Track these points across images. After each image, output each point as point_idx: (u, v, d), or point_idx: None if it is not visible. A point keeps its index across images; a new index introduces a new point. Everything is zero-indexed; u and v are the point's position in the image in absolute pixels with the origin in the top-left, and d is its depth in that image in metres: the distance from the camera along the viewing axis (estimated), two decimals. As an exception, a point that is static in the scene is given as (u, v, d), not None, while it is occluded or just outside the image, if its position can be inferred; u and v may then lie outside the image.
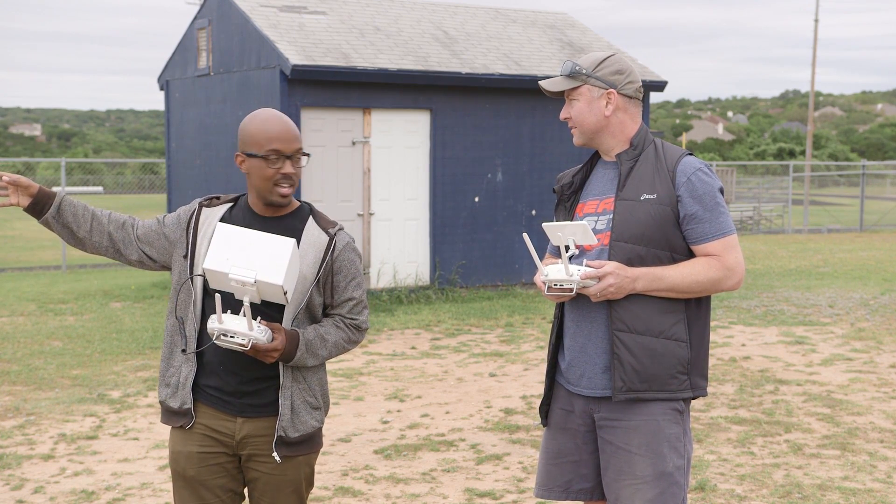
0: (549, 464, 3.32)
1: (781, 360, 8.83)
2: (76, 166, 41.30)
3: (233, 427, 3.07)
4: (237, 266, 2.85)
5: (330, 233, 3.09)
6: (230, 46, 12.90)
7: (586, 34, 15.18)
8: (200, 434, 3.09)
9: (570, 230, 3.08)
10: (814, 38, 32.38)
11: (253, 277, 2.82)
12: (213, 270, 2.87)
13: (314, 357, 3.05)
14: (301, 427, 3.08)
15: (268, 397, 3.06)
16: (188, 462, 3.09)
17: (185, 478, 3.11)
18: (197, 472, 3.09)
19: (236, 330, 2.85)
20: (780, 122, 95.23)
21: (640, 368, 3.07)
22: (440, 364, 8.79)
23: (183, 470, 3.10)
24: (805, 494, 5.33)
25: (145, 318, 10.95)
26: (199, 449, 3.08)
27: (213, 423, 3.08)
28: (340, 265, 3.09)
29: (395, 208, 12.50)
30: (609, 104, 3.16)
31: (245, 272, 2.83)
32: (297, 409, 3.07)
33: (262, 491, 3.12)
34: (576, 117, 3.20)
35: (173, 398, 3.10)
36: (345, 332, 3.13)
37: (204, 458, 3.09)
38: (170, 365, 3.13)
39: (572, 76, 3.18)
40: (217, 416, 3.08)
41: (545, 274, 3.07)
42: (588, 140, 3.23)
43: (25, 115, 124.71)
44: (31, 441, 6.36)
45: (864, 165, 27.44)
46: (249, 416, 3.06)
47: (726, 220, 3.12)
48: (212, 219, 3.09)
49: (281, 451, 3.05)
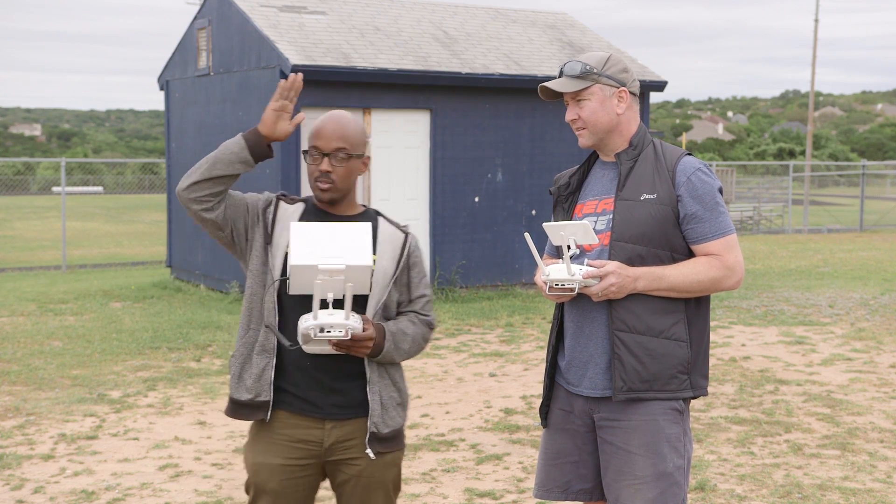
0: (548, 464, 3.32)
1: (781, 360, 8.83)
2: (76, 166, 41.31)
3: (321, 434, 3.01)
4: (324, 256, 2.83)
5: (404, 230, 3.12)
6: (230, 46, 12.90)
7: (586, 34, 15.18)
8: (285, 445, 3.01)
9: (571, 230, 3.08)
10: (814, 38, 32.39)
11: (343, 263, 2.81)
12: (301, 266, 2.81)
13: (398, 351, 3.02)
14: (391, 423, 3.05)
15: (356, 397, 3.02)
16: (271, 475, 3.00)
17: (266, 491, 3.02)
18: (279, 485, 3.01)
19: (333, 322, 2.81)
20: (780, 122, 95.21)
21: (640, 368, 3.07)
22: (440, 364, 8.78)
23: (265, 483, 3.01)
24: (805, 494, 5.33)
25: (145, 318, 10.94)
26: (283, 461, 3.01)
27: (299, 433, 3.01)
28: (415, 261, 3.11)
29: (395, 208, 12.48)
30: (621, 102, 3.16)
31: (334, 260, 2.81)
32: (385, 405, 3.04)
33: (352, 493, 3.07)
34: (588, 118, 3.15)
35: (244, 390, 3.02)
36: (420, 328, 3.11)
37: (289, 471, 3.01)
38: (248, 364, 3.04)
39: (583, 76, 3.14)
40: (302, 423, 3.01)
41: (546, 273, 3.07)
42: (598, 140, 3.20)
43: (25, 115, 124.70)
44: (31, 441, 6.36)
45: (864, 165, 27.44)
46: (338, 418, 3.01)
47: (726, 220, 3.12)
48: (288, 215, 3.06)
49: (374, 447, 3.01)
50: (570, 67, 3.16)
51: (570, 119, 3.20)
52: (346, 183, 3.03)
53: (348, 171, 3.02)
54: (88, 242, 22.19)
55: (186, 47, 14.21)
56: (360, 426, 3.03)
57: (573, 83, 3.16)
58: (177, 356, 8.99)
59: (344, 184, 3.02)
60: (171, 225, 14.90)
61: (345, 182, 3.02)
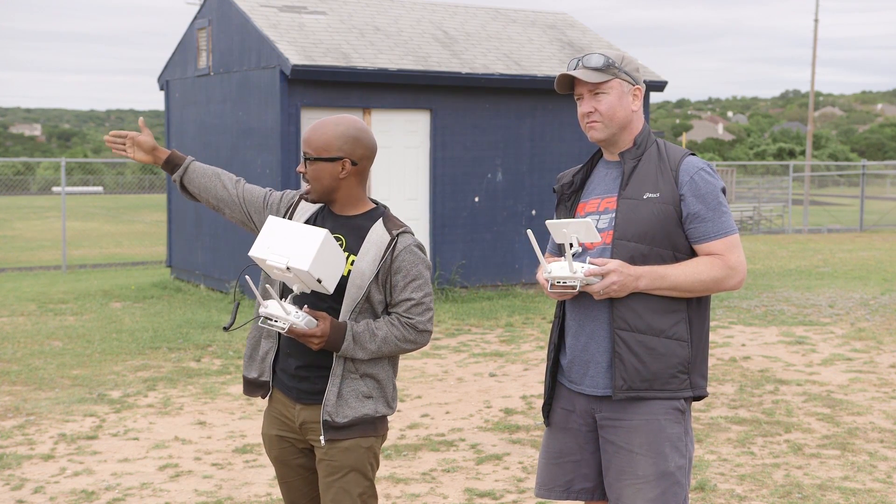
0: (550, 463, 3.32)
1: (781, 360, 8.83)
2: (76, 166, 41.32)
3: (293, 413, 3.25)
4: (274, 253, 3.00)
5: (393, 233, 3.18)
6: (230, 46, 12.90)
7: (586, 34, 15.18)
8: (276, 418, 3.31)
9: (573, 227, 3.08)
10: (814, 38, 32.38)
11: (285, 263, 2.97)
12: (254, 257, 3.05)
13: (362, 349, 3.12)
14: (349, 413, 3.15)
15: (318, 385, 3.19)
16: (270, 445, 3.34)
17: (272, 459, 3.37)
18: (279, 454, 3.34)
19: (278, 315, 3.01)
20: (780, 122, 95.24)
21: (641, 367, 3.07)
22: (440, 364, 8.78)
23: (269, 451, 3.37)
24: (805, 494, 5.33)
25: (145, 318, 10.94)
26: (276, 432, 3.32)
27: (282, 409, 3.29)
28: (399, 265, 3.15)
29: (395, 208, 12.44)
30: (636, 100, 3.18)
31: (279, 259, 2.99)
32: (344, 396, 3.16)
33: (323, 475, 3.25)
34: (606, 111, 3.14)
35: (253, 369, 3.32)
36: (399, 330, 3.15)
37: (280, 441, 3.31)
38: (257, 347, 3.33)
39: (605, 69, 3.14)
40: (284, 401, 3.28)
41: (548, 271, 3.07)
42: (611, 135, 3.18)
43: (25, 115, 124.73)
44: (31, 441, 6.36)
45: (864, 165, 27.44)
46: (304, 402, 3.21)
47: (728, 220, 3.13)
48: (304, 212, 3.28)
49: (328, 434, 3.16)
50: (592, 60, 3.14)
51: (585, 111, 3.17)
52: (320, 184, 3.16)
53: (316, 174, 3.15)
54: (88, 242, 22.19)
55: (186, 47, 14.21)
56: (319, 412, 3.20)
57: (596, 74, 3.14)
58: (177, 356, 8.99)
59: (317, 185, 3.16)
60: (171, 225, 14.90)
61: (318, 183, 3.16)
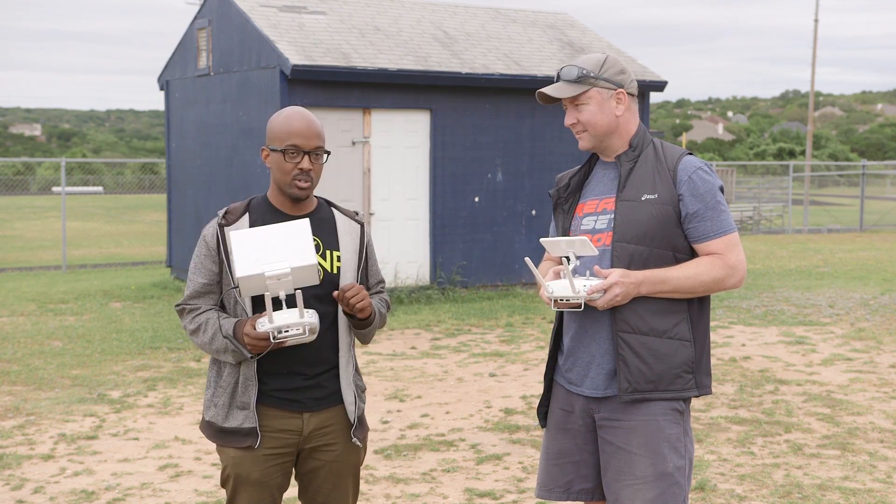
0: (549, 464, 3.32)
1: (781, 360, 8.83)
2: (76, 166, 41.32)
3: (300, 423, 3.13)
4: (268, 263, 2.85)
5: (358, 220, 3.25)
6: (230, 46, 12.90)
7: (586, 34, 15.18)
8: (265, 435, 3.10)
9: (569, 244, 3.07)
10: (814, 38, 32.37)
11: (288, 267, 2.84)
12: (247, 276, 2.84)
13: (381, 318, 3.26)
14: (361, 407, 3.25)
15: (330, 387, 3.16)
16: (254, 465, 3.09)
17: (249, 481, 3.11)
18: (262, 475, 3.11)
19: (290, 322, 2.87)
20: (780, 122, 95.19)
21: (645, 369, 3.07)
22: (440, 364, 8.79)
23: (248, 474, 3.10)
24: (805, 494, 5.33)
25: (145, 318, 10.95)
26: (265, 451, 3.10)
27: (279, 423, 3.11)
28: (371, 250, 3.28)
29: (396, 208, 12.50)
30: (620, 104, 3.17)
31: (279, 264, 2.84)
32: (357, 393, 3.23)
33: (325, 478, 3.20)
34: (587, 121, 3.16)
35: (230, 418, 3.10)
36: (384, 311, 3.32)
37: (269, 460, 3.11)
38: (217, 385, 3.14)
39: (580, 81, 3.14)
40: (282, 415, 3.11)
41: (550, 290, 3.06)
42: (597, 143, 3.21)
43: (25, 115, 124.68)
44: (31, 441, 6.36)
45: (864, 165, 27.44)
46: (315, 409, 3.14)
47: (727, 219, 3.13)
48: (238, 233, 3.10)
49: (357, 434, 3.19)
50: (567, 72, 3.16)
51: (569, 123, 3.21)
52: (319, 179, 3.17)
53: (321, 168, 3.15)
54: (88, 242, 22.18)
55: (186, 47, 14.21)
56: (334, 414, 3.17)
57: (570, 88, 3.16)
58: (177, 356, 8.99)
59: (317, 180, 3.17)
60: (171, 225, 14.90)
61: (318, 178, 3.16)
